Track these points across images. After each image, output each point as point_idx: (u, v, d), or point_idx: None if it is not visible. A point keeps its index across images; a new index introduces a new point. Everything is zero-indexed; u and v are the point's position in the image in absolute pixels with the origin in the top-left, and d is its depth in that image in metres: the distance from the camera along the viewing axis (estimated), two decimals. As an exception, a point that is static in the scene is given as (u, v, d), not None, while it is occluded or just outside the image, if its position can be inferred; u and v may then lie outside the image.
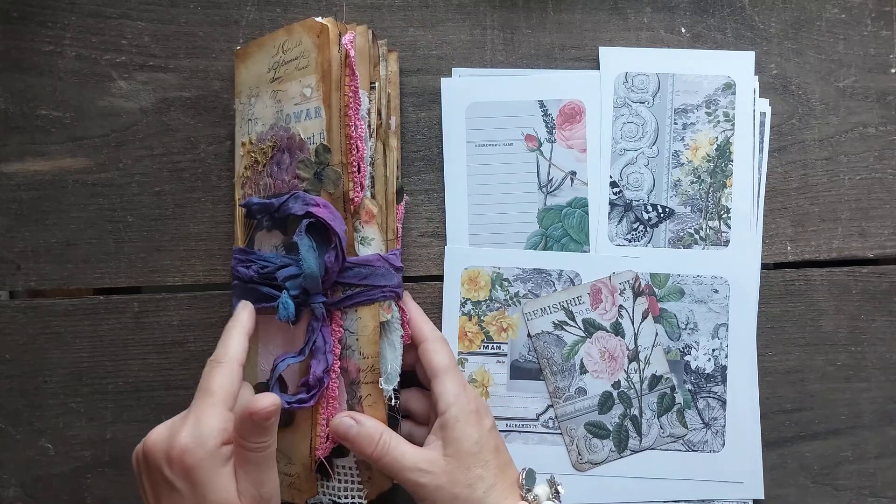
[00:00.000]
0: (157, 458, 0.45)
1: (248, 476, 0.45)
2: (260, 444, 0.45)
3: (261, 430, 0.45)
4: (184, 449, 0.44)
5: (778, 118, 0.59)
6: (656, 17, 0.59)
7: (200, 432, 0.45)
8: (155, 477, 0.45)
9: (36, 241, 0.58)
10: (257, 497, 0.45)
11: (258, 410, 0.44)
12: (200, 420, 0.45)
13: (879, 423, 0.59)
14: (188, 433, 0.45)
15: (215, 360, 0.48)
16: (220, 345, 0.49)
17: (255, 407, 0.44)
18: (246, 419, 0.45)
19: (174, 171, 0.59)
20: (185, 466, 0.44)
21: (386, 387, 0.51)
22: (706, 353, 0.58)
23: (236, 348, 0.48)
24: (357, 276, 0.51)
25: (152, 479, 0.46)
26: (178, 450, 0.44)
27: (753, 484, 0.58)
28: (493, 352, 0.58)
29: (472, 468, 0.49)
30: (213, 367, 0.47)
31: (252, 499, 0.45)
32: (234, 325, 0.50)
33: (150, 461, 0.45)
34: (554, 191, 0.58)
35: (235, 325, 0.50)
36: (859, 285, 0.59)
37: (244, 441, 0.45)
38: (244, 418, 0.45)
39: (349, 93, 0.51)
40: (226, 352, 0.48)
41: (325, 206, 0.50)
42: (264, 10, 0.58)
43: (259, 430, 0.45)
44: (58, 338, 0.58)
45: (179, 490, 0.44)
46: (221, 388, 0.46)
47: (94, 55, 0.58)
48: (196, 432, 0.45)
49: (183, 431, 0.45)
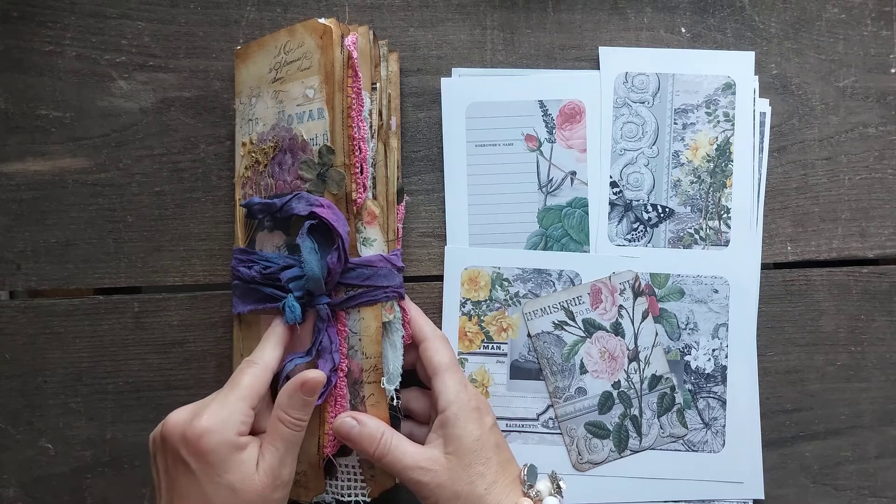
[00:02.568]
0: (174, 439, 0.45)
1: (275, 453, 0.47)
2: (298, 419, 0.47)
3: (303, 405, 0.47)
4: (203, 430, 0.45)
5: (778, 118, 0.59)
6: (656, 17, 0.59)
7: (222, 418, 0.46)
8: (170, 458, 0.46)
9: (36, 241, 0.58)
10: (277, 478, 0.46)
11: (308, 379, 0.47)
12: (224, 407, 0.46)
13: (879, 423, 0.59)
14: (210, 416, 0.46)
15: (251, 361, 0.49)
16: (257, 349, 0.50)
17: (306, 377, 0.47)
18: (295, 390, 0.47)
19: (174, 171, 0.59)
20: (201, 448, 0.45)
21: (388, 386, 0.51)
22: (706, 353, 0.58)
23: (271, 355, 0.50)
24: (360, 277, 0.51)
25: (167, 461, 0.46)
26: (198, 431, 0.45)
27: (753, 484, 0.58)
28: (493, 352, 0.58)
29: (474, 465, 0.49)
30: (247, 366, 0.49)
31: (272, 477, 0.46)
32: (273, 335, 0.51)
33: (168, 442, 0.46)
34: (554, 191, 0.58)
35: (273, 334, 0.51)
36: (859, 285, 0.60)
37: (284, 414, 0.47)
38: (293, 390, 0.47)
39: (352, 94, 0.51)
40: (262, 356, 0.49)
41: (329, 207, 0.50)
42: (264, 10, 0.58)
43: (302, 405, 0.47)
44: (58, 338, 0.58)
45: (194, 471, 0.45)
46: (250, 385, 0.48)
47: (94, 55, 0.58)
48: (218, 417, 0.46)
49: (205, 414, 0.46)
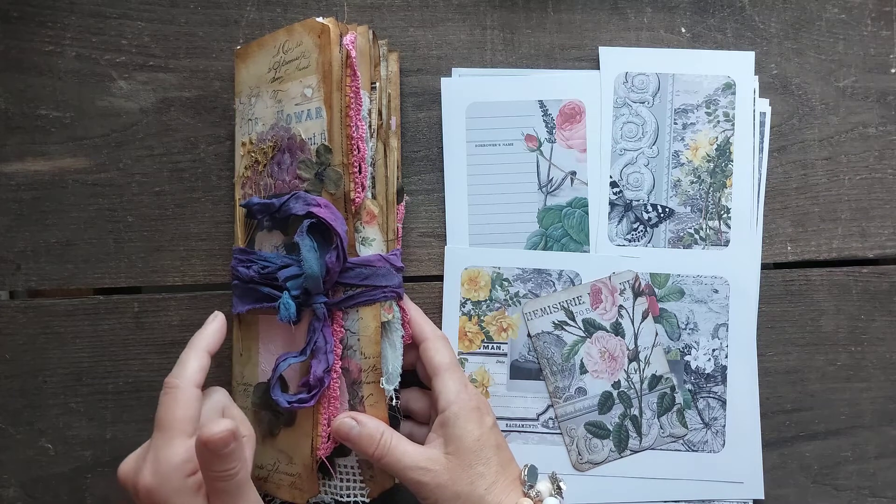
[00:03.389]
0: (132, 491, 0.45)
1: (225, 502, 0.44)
2: (224, 472, 0.43)
3: (221, 458, 0.42)
4: (149, 489, 0.43)
5: (778, 118, 0.59)
6: (656, 17, 0.59)
7: (162, 470, 0.43)
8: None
9: (36, 241, 0.58)
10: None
11: (210, 438, 0.41)
12: (159, 457, 0.44)
13: (879, 423, 0.59)
14: (150, 472, 0.44)
15: (169, 385, 0.46)
16: (177, 364, 0.47)
17: (207, 435, 0.41)
18: (202, 448, 0.42)
19: (174, 171, 0.59)
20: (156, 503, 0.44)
21: (387, 387, 0.51)
22: (706, 353, 0.58)
23: (192, 369, 0.47)
24: (358, 277, 0.51)
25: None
26: (144, 490, 0.44)
27: (753, 484, 0.58)
28: (493, 352, 0.58)
29: (474, 465, 0.49)
30: (166, 394, 0.46)
31: None
32: (195, 344, 0.48)
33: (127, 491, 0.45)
34: (554, 191, 0.58)
35: (196, 343, 0.48)
36: (859, 285, 0.60)
37: (208, 470, 0.43)
38: (201, 447, 0.42)
39: (350, 93, 0.51)
40: (182, 373, 0.46)
41: (327, 207, 0.50)
42: (264, 10, 0.58)
43: (219, 459, 0.42)
44: (58, 338, 0.58)
45: None
46: (177, 419, 0.45)
47: (94, 55, 0.58)
48: (158, 470, 0.44)
49: (145, 470, 0.44)
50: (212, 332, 0.49)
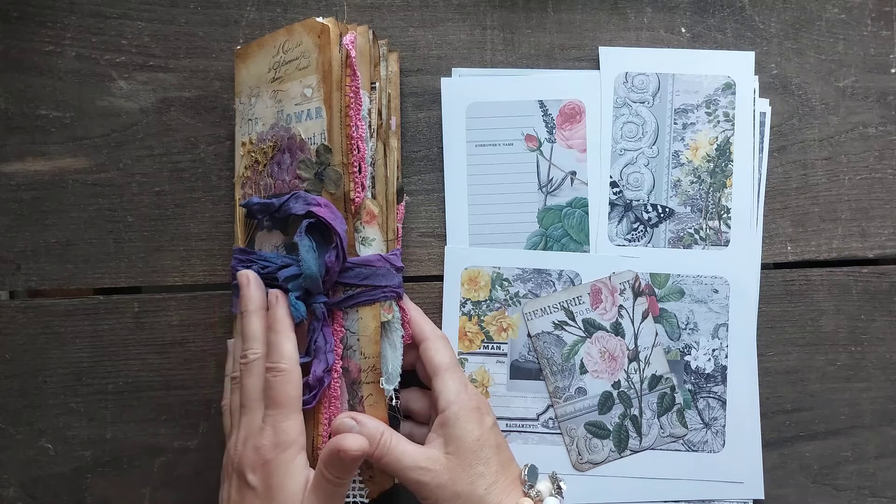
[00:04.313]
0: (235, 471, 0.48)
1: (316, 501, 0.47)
2: (339, 478, 0.46)
3: (343, 467, 0.46)
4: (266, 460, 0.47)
5: (778, 118, 0.59)
6: (656, 17, 0.59)
7: (282, 440, 0.47)
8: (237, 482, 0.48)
9: (36, 241, 0.58)
10: None
11: (347, 450, 0.45)
12: (280, 429, 0.47)
13: (879, 423, 0.59)
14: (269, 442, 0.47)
15: (276, 369, 0.48)
16: (274, 348, 0.49)
17: (344, 445, 0.45)
18: (334, 455, 0.46)
19: (174, 171, 0.59)
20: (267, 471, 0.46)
21: (387, 386, 0.51)
22: (706, 353, 0.58)
23: (291, 349, 0.49)
24: (358, 277, 0.51)
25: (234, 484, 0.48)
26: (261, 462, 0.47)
27: (753, 484, 0.58)
28: (493, 352, 0.58)
29: (474, 465, 0.49)
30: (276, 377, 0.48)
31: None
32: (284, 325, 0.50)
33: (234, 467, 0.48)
34: (554, 191, 0.58)
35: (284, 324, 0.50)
36: (859, 285, 0.59)
37: (325, 471, 0.46)
38: (332, 453, 0.46)
39: (350, 93, 0.51)
40: (283, 355, 0.49)
41: (327, 206, 0.50)
42: (264, 10, 0.58)
43: (342, 467, 0.46)
44: (58, 338, 0.58)
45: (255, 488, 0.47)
46: (292, 397, 0.48)
47: (94, 55, 0.58)
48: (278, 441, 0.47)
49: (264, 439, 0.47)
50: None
